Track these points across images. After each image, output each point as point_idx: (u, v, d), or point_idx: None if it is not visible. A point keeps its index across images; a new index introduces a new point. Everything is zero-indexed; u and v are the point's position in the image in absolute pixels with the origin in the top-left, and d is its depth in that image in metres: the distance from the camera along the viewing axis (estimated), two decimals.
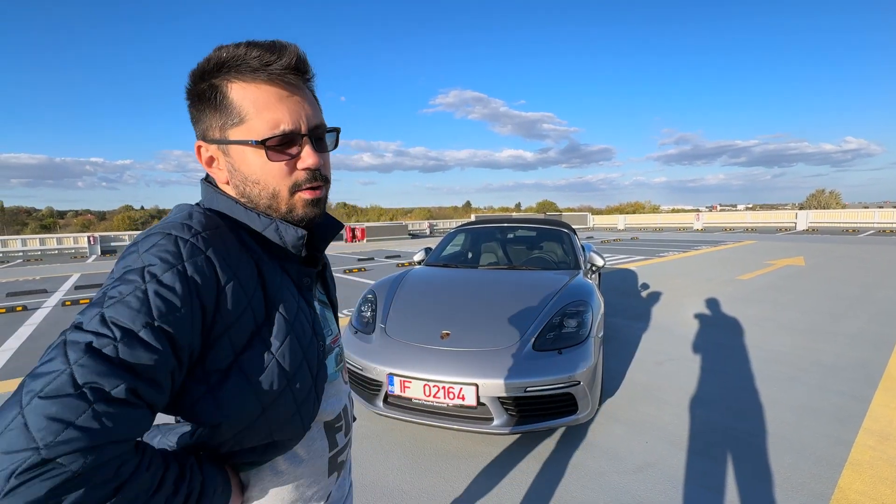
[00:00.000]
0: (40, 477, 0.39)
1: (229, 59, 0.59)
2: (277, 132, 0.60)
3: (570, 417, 2.29)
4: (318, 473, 0.71)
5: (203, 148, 0.64)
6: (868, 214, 21.80)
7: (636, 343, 4.19)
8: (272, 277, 0.61)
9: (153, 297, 0.49)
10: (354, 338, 2.76)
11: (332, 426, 0.73)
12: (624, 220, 29.73)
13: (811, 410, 2.77)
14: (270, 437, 0.61)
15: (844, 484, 2.05)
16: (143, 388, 0.46)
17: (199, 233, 0.55)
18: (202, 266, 0.53)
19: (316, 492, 0.72)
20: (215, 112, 0.61)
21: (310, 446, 0.69)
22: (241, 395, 0.56)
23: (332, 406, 0.73)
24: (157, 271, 0.50)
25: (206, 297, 0.53)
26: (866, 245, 12.97)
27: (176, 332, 0.49)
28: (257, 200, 0.63)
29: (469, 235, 4.48)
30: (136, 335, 0.47)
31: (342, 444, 0.76)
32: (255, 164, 0.61)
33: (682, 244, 14.97)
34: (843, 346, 3.96)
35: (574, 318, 2.57)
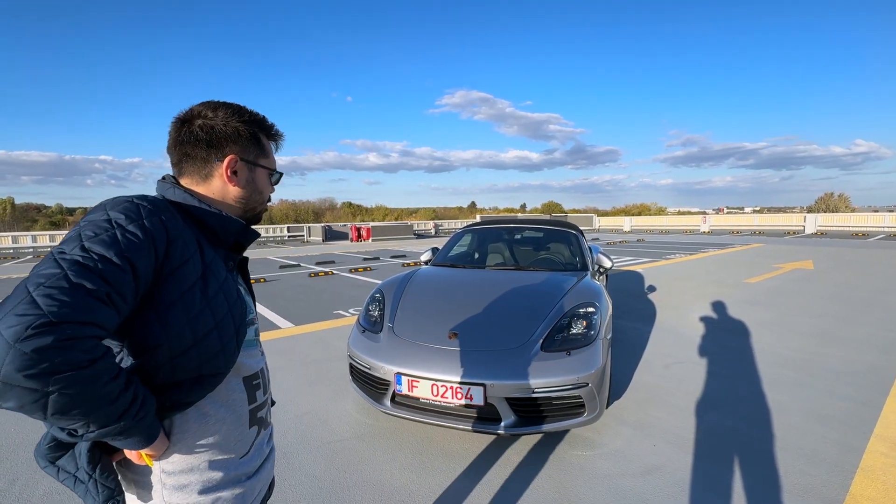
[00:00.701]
0: (47, 332, 0.56)
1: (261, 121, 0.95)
2: (279, 170, 1.01)
3: (577, 419, 2.29)
4: (239, 422, 0.87)
5: (236, 161, 0.90)
6: (878, 218, 21.56)
7: (643, 345, 4.17)
8: (207, 250, 0.82)
9: (121, 237, 0.67)
10: (362, 336, 2.77)
11: (250, 382, 0.90)
12: (630, 222, 29.60)
13: (821, 416, 2.74)
14: (199, 369, 0.76)
15: (856, 490, 2.03)
16: (114, 295, 0.63)
17: (156, 204, 0.76)
18: (157, 223, 0.73)
19: (238, 441, 0.87)
20: (257, 146, 0.94)
21: (230, 395, 0.85)
22: (180, 323, 0.73)
23: (250, 364, 0.91)
24: (123, 223, 0.69)
25: (159, 245, 0.72)
26: (876, 249, 12.83)
27: (137, 262, 0.67)
28: (252, 203, 0.95)
29: (476, 236, 4.48)
30: (110, 259, 0.65)
31: (261, 401, 0.93)
32: (264, 183, 0.97)
33: (689, 246, 14.88)
34: (852, 352, 3.93)
35: (583, 320, 2.56)
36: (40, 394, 0.56)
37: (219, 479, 0.83)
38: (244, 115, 0.91)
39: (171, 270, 0.73)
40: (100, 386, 0.61)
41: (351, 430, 2.64)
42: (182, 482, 0.80)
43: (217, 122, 0.87)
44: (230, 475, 0.85)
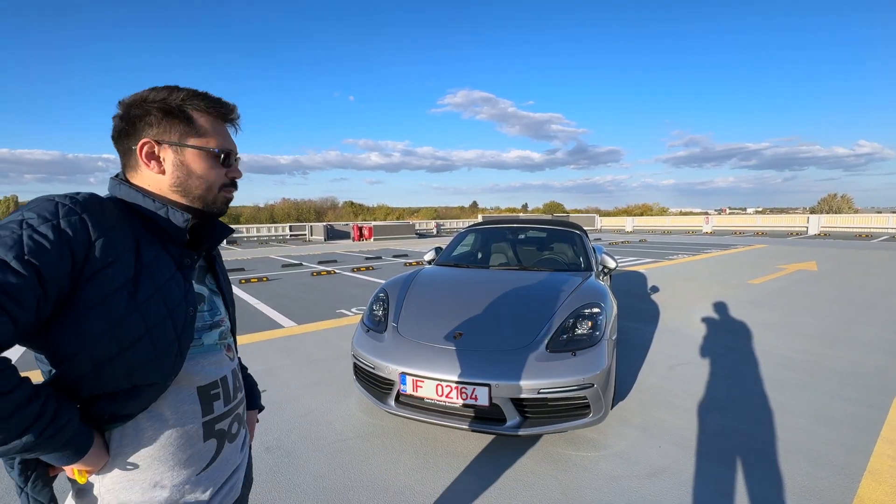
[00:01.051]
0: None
1: (196, 96, 0.83)
2: (225, 149, 0.86)
3: (582, 420, 2.28)
4: (191, 436, 0.79)
5: (151, 145, 0.80)
6: (882, 220, 21.48)
7: (647, 346, 4.16)
8: (148, 250, 0.75)
9: (27, 239, 0.62)
10: (366, 336, 2.77)
11: (206, 392, 0.82)
12: (632, 222, 29.55)
13: (826, 418, 2.73)
14: (130, 380, 0.70)
15: (864, 493, 2.02)
16: (8, 303, 0.58)
17: (79, 201, 0.69)
18: (75, 222, 0.67)
19: (191, 456, 0.79)
20: (178, 124, 0.81)
21: (179, 407, 0.77)
22: (100, 329, 0.67)
23: (206, 372, 0.83)
24: (34, 223, 0.64)
25: (76, 246, 0.66)
26: (880, 251, 12.78)
27: (42, 266, 0.62)
28: (193, 190, 0.83)
29: (480, 236, 4.48)
30: (7, 263, 0.60)
31: (220, 412, 0.85)
32: (203, 165, 0.83)
33: (692, 247, 14.84)
34: (857, 354, 3.91)
35: (588, 320, 2.55)
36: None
37: (167, 497, 0.77)
38: (163, 94, 0.80)
39: (93, 273, 0.67)
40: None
41: (355, 430, 2.64)
42: (124, 499, 0.74)
43: (132, 109, 0.80)
44: (182, 492, 0.78)
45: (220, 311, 0.91)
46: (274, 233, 24.63)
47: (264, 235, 24.04)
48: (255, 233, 23.81)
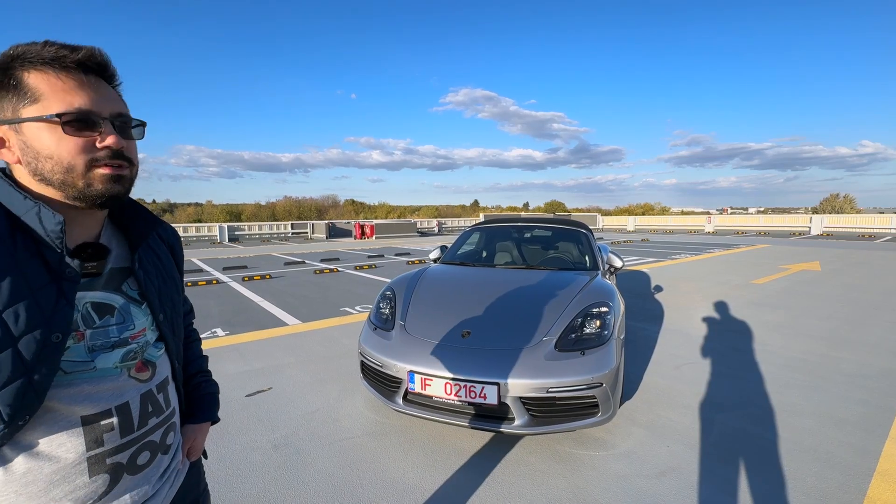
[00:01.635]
0: None
1: (25, 51, 0.64)
2: (73, 109, 0.64)
3: (591, 419, 2.28)
4: (70, 473, 0.66)
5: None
6: (885, 220, 21.43)
7: (652, 346, 4.16)
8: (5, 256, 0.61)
9: None
10: (374, 334, 2.76)
11: (93, 421, 0.68)
12: (634, 222, 29.51)
13: (834, 419, 2.72)
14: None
15: (874, 494, 2.01)
16: None
17: None
18: None
19: (69, 493, 0.67)
20: (7, 93, 0.64)
21: (53, 439, 0.65)
22: None
23: (94, 401, 0.69)
24: None
25: None
26: (883, 251, 12.74)
27: None
28: (50, 176, 0.65)
29: (485, 234, 4.47)
30: None
31: (114, 444, 0.71)
32: (48, 140, 0.64)
33: (694, 247, 14.82)
34: (864, 355, 3.90)
35: (596, 319, 2.55)
36: None
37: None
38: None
39: None
40: None
41: (362, 428, 2.64)
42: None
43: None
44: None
45: (135, 325, 0.76)
46: (275, 230, 24.65)
47: (266, 233, 24.05)
48: (256, 230, 23.83)
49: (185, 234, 21.66)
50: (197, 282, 7.96)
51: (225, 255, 13.68)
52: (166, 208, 61.63)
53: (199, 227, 22.69)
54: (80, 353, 0.68)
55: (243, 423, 2.70)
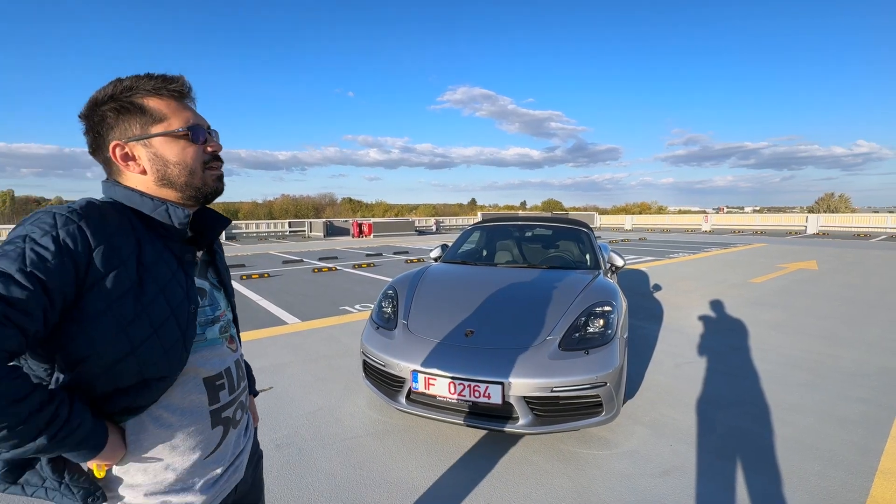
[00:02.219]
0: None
1: (136, 83, 0.79)
2: (190, 124, 0.82)
3: (595, 419, 2.28)
4: (200, 424, 0.83)
5: (121, 147, 0.79)
6: (880, 219, 21.57)
7: (653, 345, 4.16)
8: (149, 251, 0.76)
9: (28, 252, 0.64)
10: (376, 333, 2.75)
11: (212, 383, 0.86)
12: (631, 221, 29.58)
13: (835, 418, 2.73)
14: (141, 374, 0.73)
15: (877, 493, 2.02)
16: (14, 315, 0.60)
17: (76, 211, 0.70)
18: (73, 231, 0.68)
19: (199, 442, 0.83)
20: (134, 117, 0.79)
21: (186, 397, 0.81)
22: (110, 333, 0.69)
23: (212, 364, 0.86)
24: (36, 236, 0.66)
25: (79, 256, 0.67)
26: (879, 250, 12.82)
27: (45, 276, 0.64)
28: (176, 179, 0.81)
29: (486, 233, 4.46)
30: (11, 276, 0.62)
31: (226, 401, 0.89)
32: (176, 150, 0.81)
33: (692, 245, 14.87)
34: (863, 353, 3.92)
35: (600, 319, 2.55)
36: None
37: (176, 478, 0.80)
38: (109, 91, 0.79)
39: (96, 280, 0.69)
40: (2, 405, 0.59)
41: (364, 427, 2.63)
42: (138, 482, 0.78)
43: (90, 118, 0.80)
44: (191, 474, 0.83)
45: (221, 306, 0.93)
46: (273, 229, 24.55)
47: (263, 231, 23.95)
48: (253, 229, 23.72)
49: None
50: None
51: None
52: None
53: None
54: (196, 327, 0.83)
55: None
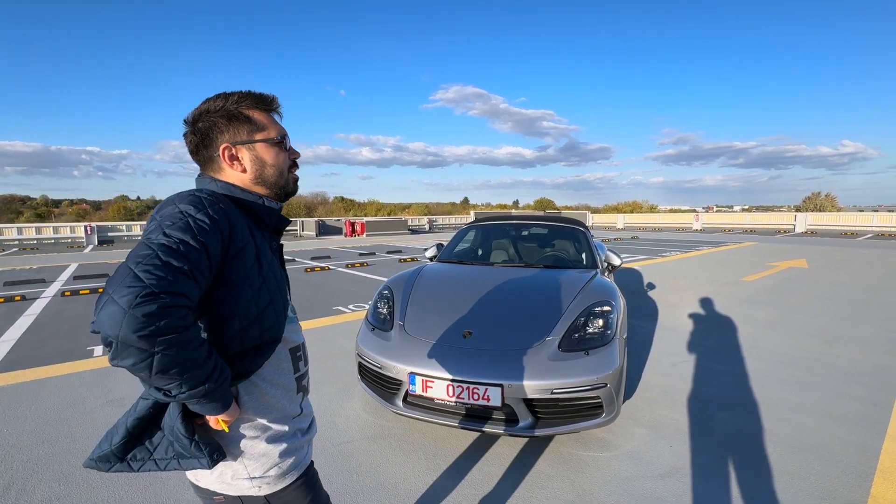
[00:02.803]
0: (152, 300, 0.67)
1: (245, 96, 0.96)
2: (282, 135, 1.01)
3: (595, 420, 2.24)
4: (290, 390, 0.99)
5: (230, 149, 0.94)
6: (866, 218, 21.90)
7: (649, 344, 4.15)
8: (256, 234, 0.93)
9: (193, 224, 0.79)
10: (371, 335, 2.70)
11: (294, 353, 1.01)
12: (623, 220, 29.75)
13: (833, 416, 2.73)
14: (260, 338, 0.88)
15: (877, 492, 2.01)
16: (195, 271, 0.75)
17: (212, 196, 0.87)
18: (219, 211, 0.84)
19: (291, 403, 0.99)
20: (242, 124, 0.95)
21: (279, 365, 0.96)
22: (246, 298, 0.85)
23: (293, 337, 1.02)
24: (192, 212, 0.80)
25: (223, 230, 0.83)
26: (866, 248, 13.01)
27: (208, 244, 0.78)
28: (270, 179, 0.98)
29: (481, 232, 4.42)
30: (188, 242, 0.76)
31: (303, 371, 1.04)
32: (273, 154, 0.98)
33: (683, 244, 14.97)
34: (857, 352, 3.94)
35: (599, 319, 2.51)
36: (148, 353, 0.68)
37: (282, 436, 0.96)
38: (220, 103, 0.94)
39: (236, 252, 0.84)
40: (191, 350, 0.73)
41: (360, 431, 2.57)
42: (254, 437, 0.93)
43: (198, 122, 0.94)
44: (290, 432, 0.98)
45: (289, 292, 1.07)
46: None
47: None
48: None
49: None
50: None
51: None
52: (150, 205, 60.42)
53: None
54: None
55: None
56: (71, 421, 2.69)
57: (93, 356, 3.89)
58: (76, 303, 6.16)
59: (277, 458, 0.95)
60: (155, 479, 2.10)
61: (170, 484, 2.07)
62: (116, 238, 19.39)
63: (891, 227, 20.66)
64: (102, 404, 2.91)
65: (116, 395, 3.06)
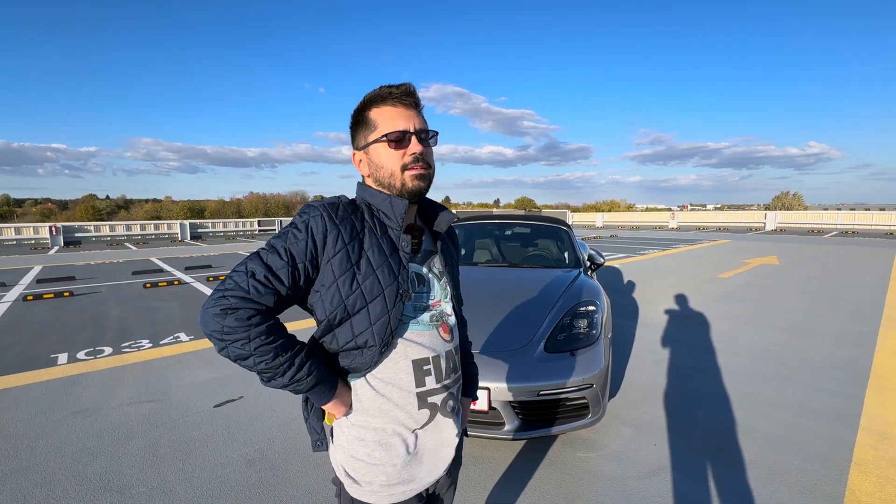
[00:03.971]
0: (220, 302, 0.79)
1: (374, 95, 0.94)
2: (394, 130, 0.92)
3: (581, 421, 2.23)
4: (407, 402, 0.92)
5: (355, 155, 0.99)
6: (832, 216, 22.85)
7: (630, 342, 4.19)
8: (371, 237, 0.91)
9: (290, 233, 0.86)
10: None
11: (419, 365, 0.93)
12: (602, 218, 30.24)
13: (809, 410, 2.80)
14: (355, 341, 0.89)
15: (854, 485, 2.06)
16: (273, 278, 0.82)
17: (325, 203, 0.90)
18: (317, 218, 0.87)
19: (406, 416, 0.93)
20: (363, 128, 0.96)
21: (396, 374, 0.92)
22: (336, 302, 0.87)
23: (420, 348, 0.94)
24: (297, 221, 0.88)
25: (318, 238, 0.86)
26: (832, 245, 13.55)
27: (294, 252, 0.84)
28: (383, 180, 0.94)
29: (464, 231, 4.38)
30: (276, 250, 0.84)
31: (432, 387, 0.95)
32: (381, 154, 0.93)
33: (661, 242, 15.30)
34: (828, 346, 4.06)
35: (584, 319, 2.51)
36: (222, 345, 0.80)
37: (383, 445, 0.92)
38: (355, 109, 0.97)
39: (328, 259, 0.86)
40: (256, 345, 0.79)
41: None
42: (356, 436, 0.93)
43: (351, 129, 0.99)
44: (396, 445, 0.93)
45: (436, 295, 0.99)
46: (242, 228, 23.76)
47: (231, 230, 23.14)
48: (221, 228, 22.88)
49: (144, 231, 20.53)
50: (157, 283, 7.50)
51: (187, 254, 13.03)
52: (122, 204, 58.32)
53: (157, 223, 21.57)
54: (409, 309, 0.94)
55: (212, 436, 2.50)
56: (31, 434, 2.53)
57: (56, 364, 3.68)
58: (39, 307, 5.85)
59: (370, 467, 0.92)
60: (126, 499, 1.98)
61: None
62: (84, 239, 18.61)
63: (854, 225, 21.59)
64: (67, 416, 2.75)
65: (82, 405, 2.90)
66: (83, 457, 2.30)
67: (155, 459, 2.27)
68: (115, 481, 2.10)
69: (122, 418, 2.72)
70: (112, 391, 3.11)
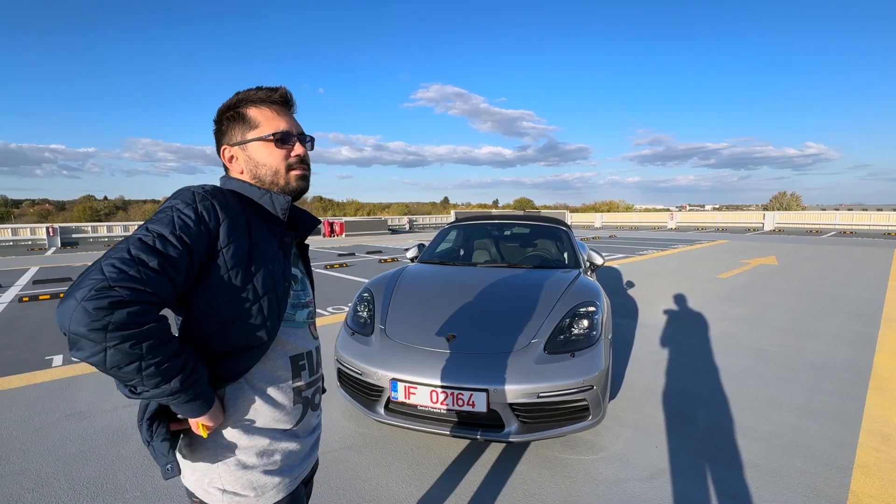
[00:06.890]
0: (104, 294, 0.65)
1: (246, 95, 0.94)
2: (279, 131, 0.93)
3: (582, 423, 2.20)
4: (285, 398, 0.93)
5: (227, 150, 0.95)
6: (830, 216, 22.89)
7: (630, 342, 4.17)
8: (258, 231, 0.88)
9: (177, 218, 0.77)
10: (351, 339, 2.59)
11: (295, 361, 0.95)
12: (601, 219, 30.25)
13: (810, 411, 2.78)
14: (245, 339, 0.83)
15: (857, 487, 2.04)
16: (167, 267, 0.72)
17: (209, 192, 0.84)
18: (209, 206, 0.81)
19: (282, 415, 0.92)
20: (238, 125, 0.93)
21: (274, 372, 0.91)
22: (227, 297, 0.81)
23: (297, 343, 0.96)
24: (180, 207, 0.79)
25: (211, 225, 0.80)
26: (831, 245, 13.56)
27: (189, 240, 0.76)
28: (264, 177, 0.93)
29: (463, 232, 4.35)
30: (166, 237, 0.74)
31: (306, 381, 0.97)
32: (264, 153, 0.93)
33: (660, 242, 15.30)
34: (828, 346, 4.05)
35: (584, 320, 2.48)
36: (100, 347, 0.65)
37: (265, 450, 0.89)
38: (228, 102, 0.94)
39: (220, 249, 0.81)
40: (151, 346, 0.69)
41: (339, 440, 2.47)
42: (234, 446, 0.87)
43: (215, 124, 0.96)
44: (277, 447, 0.91)
45: (309, 294, 1.02)
46: None
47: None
48: None
49: None
50: None
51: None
52: (120, 205, 58.09)
53: None
54: (288, 306, 0.93)
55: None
56: (24, 438, 2.49)
57: (51, 366, 3.64)
58: (35, 309, 5.81)
59: (255, 475, 0.88)
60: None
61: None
62: (81, 240, 18.52)
63: (852, 225, 21.63)
64: (60, 419, 2.72)
65: (76, 408, 2.86)
66: (76, 460, 2.27)
67: (149, 463, 2.24)
68: (108, 485, 2.07)
69: (116, 421, 2.68)
70: (106, 394, 3.08)
